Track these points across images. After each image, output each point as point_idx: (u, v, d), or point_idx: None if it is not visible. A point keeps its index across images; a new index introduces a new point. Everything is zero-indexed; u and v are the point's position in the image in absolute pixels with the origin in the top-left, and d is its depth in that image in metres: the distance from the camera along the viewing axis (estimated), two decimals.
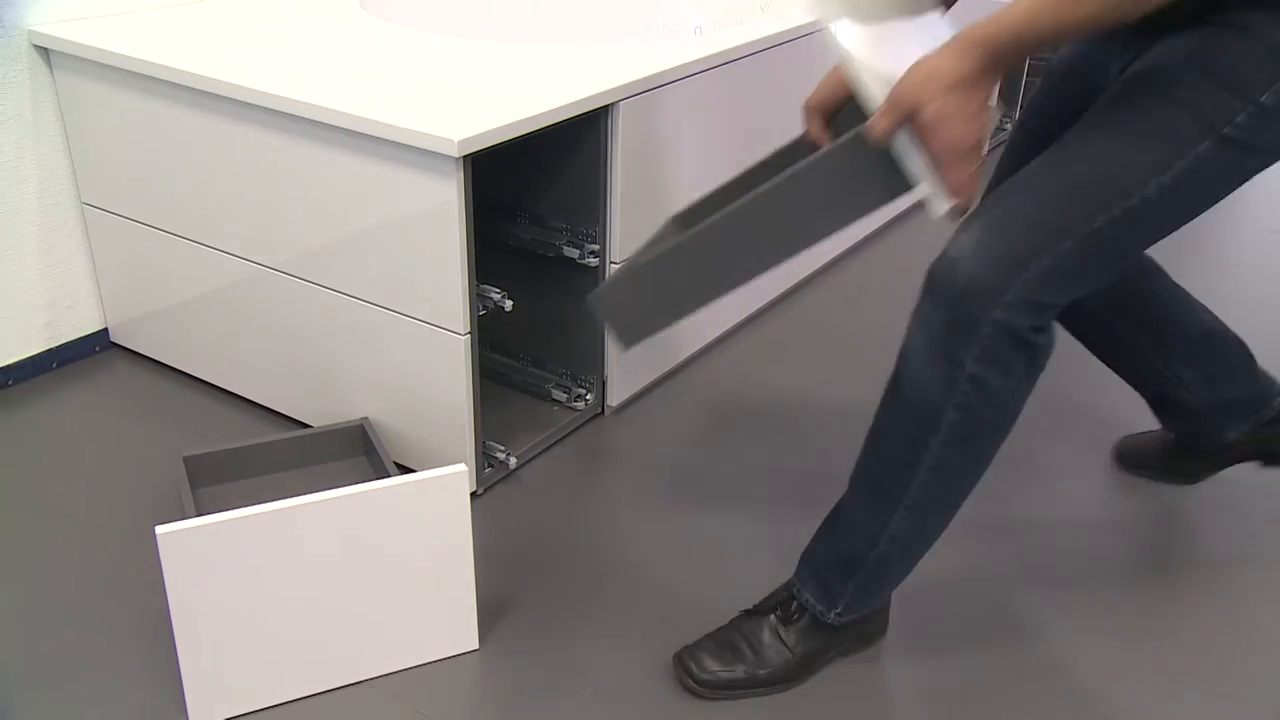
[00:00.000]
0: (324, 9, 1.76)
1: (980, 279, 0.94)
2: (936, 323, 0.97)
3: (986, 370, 0.96)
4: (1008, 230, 0.95)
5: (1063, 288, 0.96)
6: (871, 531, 1.07)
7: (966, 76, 0.89)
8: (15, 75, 1.54)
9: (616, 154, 1.45)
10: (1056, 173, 0.97)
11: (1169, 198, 0.94)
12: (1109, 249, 0.96)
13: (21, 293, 1.64)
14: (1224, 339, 1.34)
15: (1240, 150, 0.93)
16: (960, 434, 0.99)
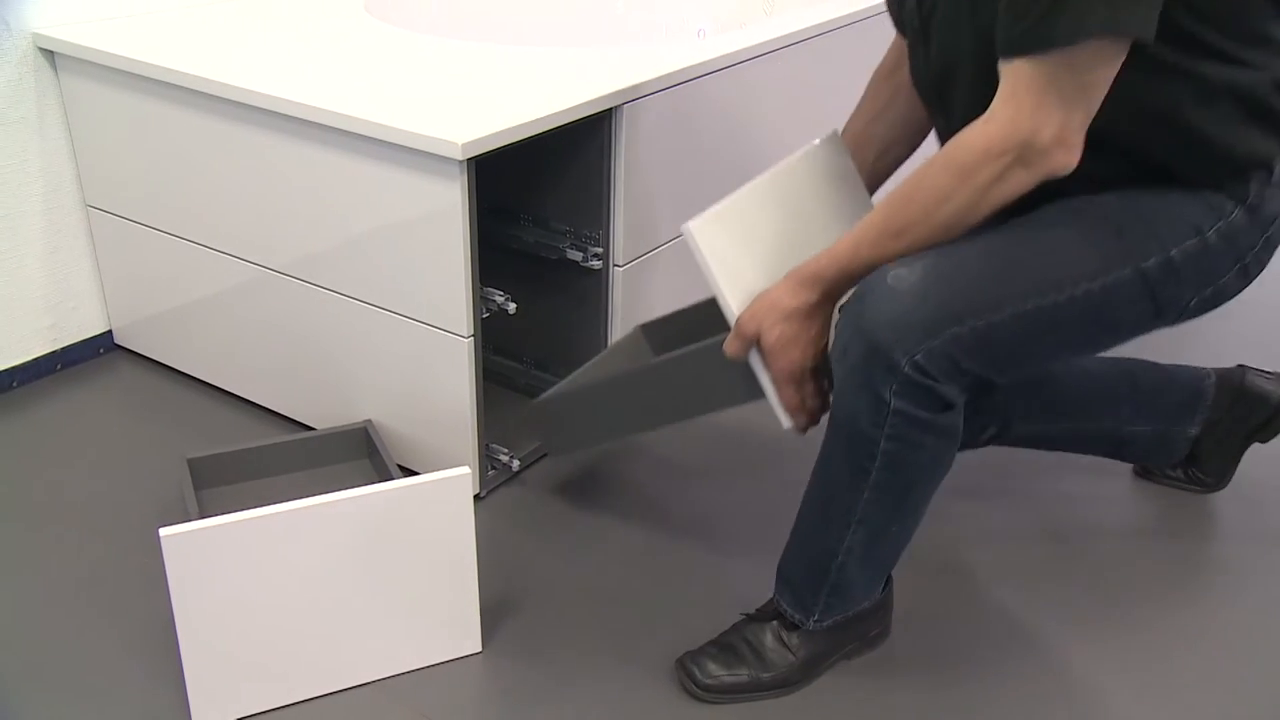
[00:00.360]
0: (328, 12, 1.76)
1: (912, 321, 0.97)
2: (855, 353, 0.99)
3: (909, 405, 0.99)
4: (950, 284, 0.99)
5: (980, 357, 0.99)
6: (828, 545, 1.10)
7: (801, 308, 1.03)
8: (21, 78, 1.54)
9: (620, 157, 1.45)
10: (1006, 248, 1.02)
11: (1085, 308, 1.01)
12: (1029, 337, 1.01)
13: (26, 295, 1.64)
14: (1118, 369, 1.38)
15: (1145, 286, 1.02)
16: (898, 460, 1.02)
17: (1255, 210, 1.04)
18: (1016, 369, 1.05)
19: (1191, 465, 1.47)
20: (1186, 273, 1.04)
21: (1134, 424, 1.39)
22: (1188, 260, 1.03)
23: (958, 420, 1.03)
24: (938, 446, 1.03)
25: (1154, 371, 1.40)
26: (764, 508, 1.46)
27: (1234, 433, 1.42)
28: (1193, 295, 1.06)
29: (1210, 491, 1.48)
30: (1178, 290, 1.05)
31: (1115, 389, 1.38)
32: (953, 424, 1.03)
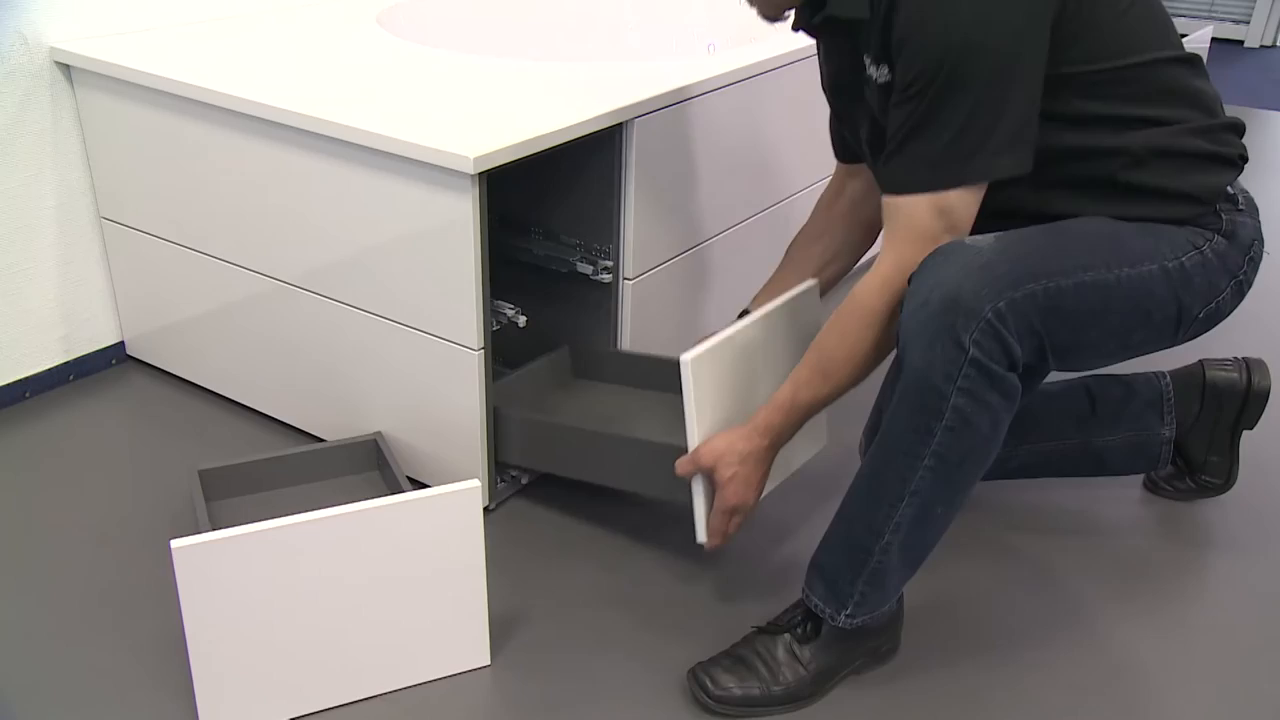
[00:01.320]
0: (342, 26, 1.78)
1: (996, 273, 1.01)
2: (937, 299, 1.01)
3: (985, 356, 1.00)
4: (1023, 249, 1.04)
5: (1050, 320, 1.03)
6: (877, 522, 1.09)
7: (755, 452, 1.18)
8: (37, 91, 1.56)
9: (630, 171, 1.45)
10: (1056, 234, 1.08)
11: (1129, 292, 1.06)
12: (1088, 309, 1.05)
13: (40, 306, 1.66)
14: (1076, 385, 1.42)
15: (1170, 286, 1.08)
16: (963, 420, 1.02)
17: (1232, 236, 1.12)
18: (1074, 343, 1.07)
19: (1194, 472, 1.47)
20: (1197, 282, 1.10)
21: (1103, 436, 1.41)
22: (1196, 270, 1.10)
23: (1016, 393, 1.04)
24: (1000, 411, 1.03)
25: (1110, 382, 1.42)
26: (776, 520, 1.45)
27: (1218, 428, 1.43)
28: (1201, 308, 1.12)
29: (1222, 492, 1.48)
30: (1191, 300, 1.10)
31: (1075, 405, 1.41)
32: (1016, 390, 1.04)
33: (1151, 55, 1.07)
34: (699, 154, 1.58)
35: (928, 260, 1.04)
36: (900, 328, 1.04)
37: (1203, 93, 1.11)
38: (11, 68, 1.52)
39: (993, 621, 1.29)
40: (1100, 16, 1.05)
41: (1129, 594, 1.34)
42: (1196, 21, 4.42)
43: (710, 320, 1.76)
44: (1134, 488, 1.54)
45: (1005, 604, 1.32)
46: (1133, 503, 1.51)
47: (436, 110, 1.36)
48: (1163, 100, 1.08)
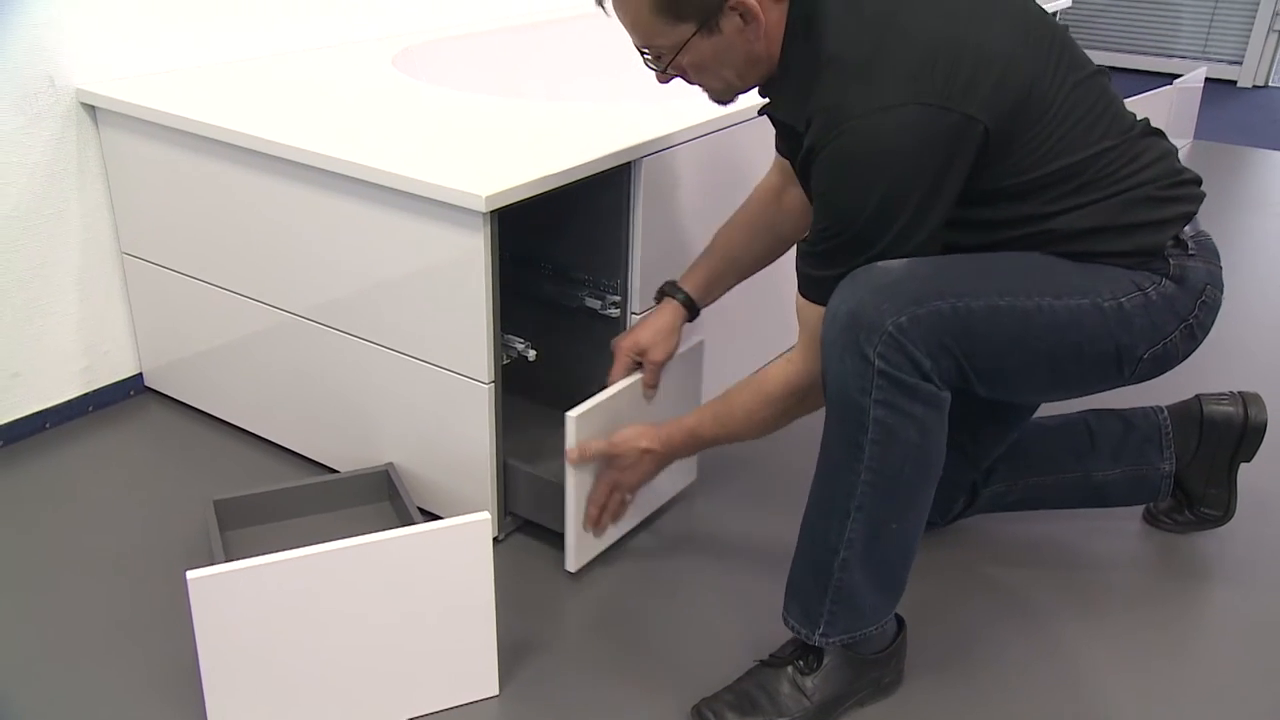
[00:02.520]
0: (357, 67, 1.82)
1: (899, 290, 1.05)
2: (843, 315, 1.05)
3: (892, 367, 1.03)
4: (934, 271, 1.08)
5: (960, 337, 1.06)
6: (830, 539, 1.11)
7: (651, 451, 1.32)
8: (64, 132, 1.61)
9: (638, 208, 1.49)
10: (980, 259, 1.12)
11: (1051, 322, 1.09)
12: (1003, 333, 1.08)
13: (62, 338, 1.69)
14: (1074, 420, 1.44)
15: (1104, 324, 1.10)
16: (889, 431, 1.05)
17: (1182, 280, 1.13)
18: (991, 361, 1.09)
19: (1194, 505, 1.49)
20: (1138, 323, 1.11)
21: (1102, 470, 1.43)
22: (1137, 311, 1.11)
23: (942, 400, 1.07)
24: (926, 421, 1.06)
25: (1109, 417, 1.44)
26: (783, 552, 1.47)
27: (1216, 462, 1.45)
28: (1145, 349, 1.13)
29: (1221, 524, 1.50)
30: (1132, 340, 1.12)
31: (1074, 440, 1.43)
32: (938, 399, 1.06)
33: (1080, 154, 1.10)
34: (706, 192, 1.61)
35: (842, 283, 1.08)
36: (820, 344, 1.09)
37: (1143, 164, 1.13)
38: (40, 109, 1.57)
39: (994, 657, 1.30)
40: (1020, 141, 1.08)
41: (1127, 627, 1.35)
42: (1190, 62, 4.46)
43: (715, 355, 1.78)
44: (1132, 520, 1.55)
45: (1003, 639, 1.33)
46: (1131, 536, 1.52)
47: (449, 149, 1.39)
48: (1089, 189, 1.11)
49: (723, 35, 1.10)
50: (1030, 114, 1.08)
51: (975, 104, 1.04)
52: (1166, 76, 3.97)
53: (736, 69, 1.14)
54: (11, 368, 1.64)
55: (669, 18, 1.09)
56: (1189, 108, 3.42)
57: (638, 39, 1.15)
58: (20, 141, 1.56)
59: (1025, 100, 1.07)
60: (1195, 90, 3.42)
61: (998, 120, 1.06)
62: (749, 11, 1.08)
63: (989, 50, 1.06)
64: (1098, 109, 1.13)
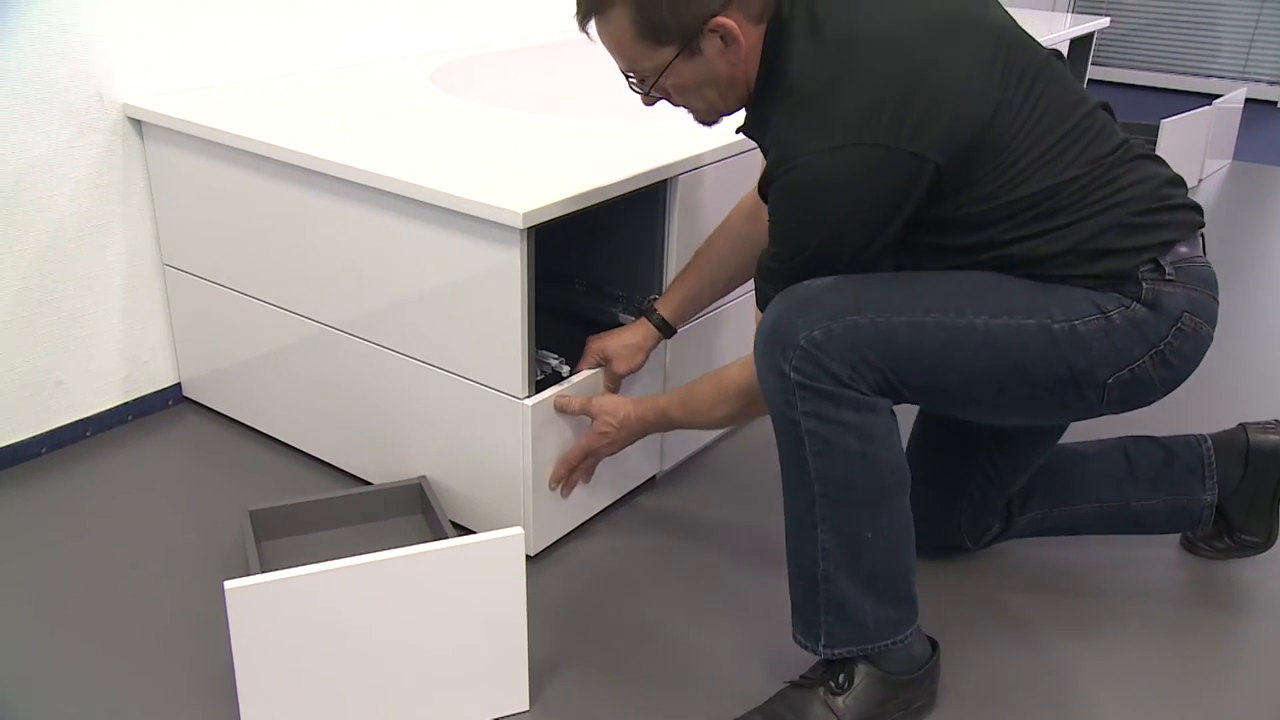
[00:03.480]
0: (397, 83, 1.85)
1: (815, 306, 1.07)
2: (763, 331, 1.08)
3: (807, 379, 1.05)
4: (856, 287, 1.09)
5: (880, 349, 1.06)
6: (809, 552, 1.13)
7: (626, 423, 1.39)
8: (111, 145, 1.64)
9: (673, 225, 1.49)
10: (914, 277, 1.12)
11: (987, 340, 1.08)
12: (929, 348, 1.07)
13: (104, 348, 1.72)
14: (1112, 447, 1.42)
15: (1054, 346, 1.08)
16: (826, 444, 1.07)
17: (1154, 305, 1.10)
18: (920, 378, 1.09)
19: (1234, 532, 1.46)
20: (1096, 346, 1.08)
21: (1141, 499, 1.41)
22: (1094, 335, 1.08)
23: (874, 405, 1.07)
24: (863, 426, 1.06)
25: (1150, 445, 1.42)
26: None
27: (1261, 492, 1.42)
28: (1109, 373, 1.10)
29: (1262, 551, 1.47)
30: (1089, 364, 1.09)
31: (1112, 468, 1.41)
32: (867, 404, 1.06)
33: (1047, 181, 1.09)
34: None
35: (771, 300, 1.11)
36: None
37: (1117, 188, 1.11)
38: (88, 123, 1.61)
39: (1025, 683, 1.28)
40: (980, 171, 1.08)
41: (1163, 656, 1.33)
42: (1230, 82, 4.42)
43: None
44: (1169, 547, 1.53)
45: (1035, 665, 1.31)
46: (1168, 563, 1.50)
47: (487, 166, 1.41)
48: (1056, 216, 1.10)
49: (704, 57, 1.12)
50: (989, 146, 1.07)
51: (926, 142, 1.04)
52: (1206, 97, 3.94)
53: (719, 90, 1.16)
54: (56, 375, 1.67)
55: (650, 42, 1.11)
56: (1228, 128, 3.39)
57: (622, 63, 1.17)
58: (68, 155, 1.60)
59: (984, 132, 1.06)
60: (1235, 111, 3.38)
61: (951, 156, 1.06)
62: (729, 33, 1.09)
63: (947, 82, 1.05)
64: (1071, 136, 1.11)
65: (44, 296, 1.62)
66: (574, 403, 1.40)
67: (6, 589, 1.38)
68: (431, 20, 2.12)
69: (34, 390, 1.65)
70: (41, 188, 1.58)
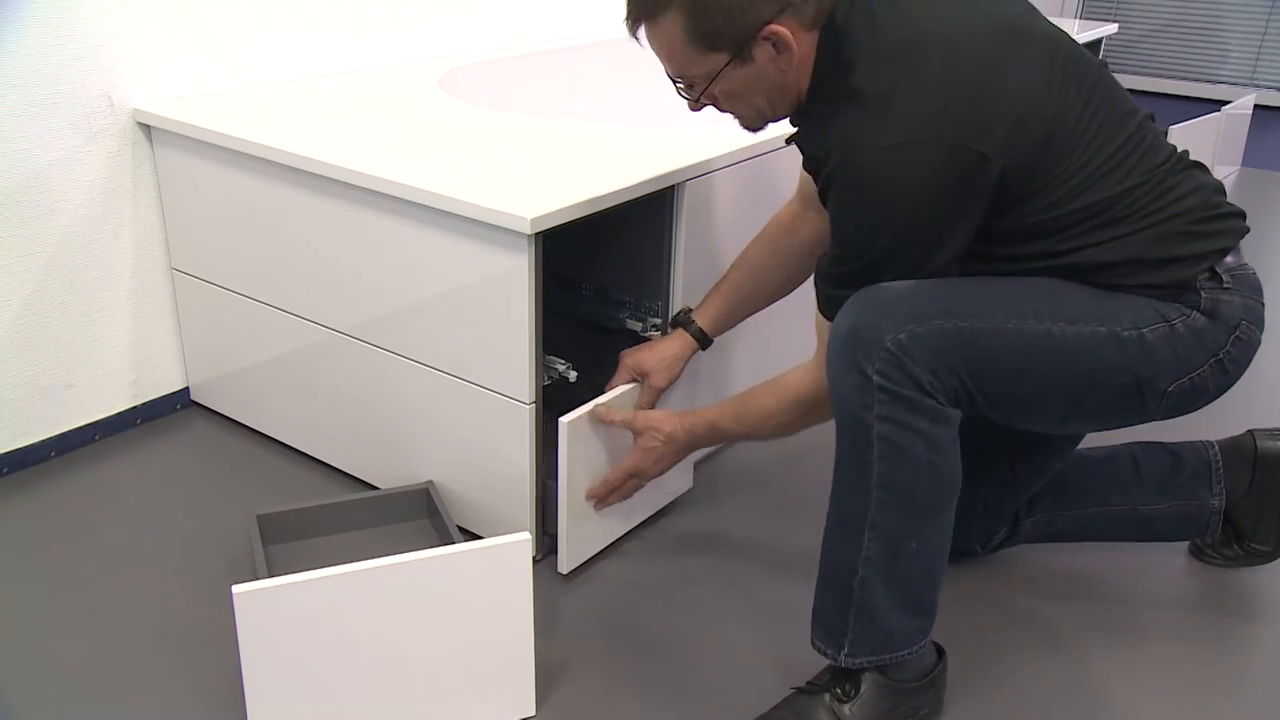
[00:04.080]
0: (404, 89, 1.85)
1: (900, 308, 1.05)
2: (843, 330, 1.06)
3: (891, 383, 1.03)
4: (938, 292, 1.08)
5: (962, 355, 1.05)
6: (848, 559, 1.11)
7: (674, 436, 1.36)
8: (120, 150, 1.65)
9: (681, 231, 1.49)
10: (989, 283, 1.11)
11: (1062, 348, 1.08)
12: (1009, 354, 1.07)
13: (113, 352, 1.73)
14: (1119, 452, 1.42)
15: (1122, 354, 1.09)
16: (895, 448, 1.05)
17: (1213, 314, 1.11)
18: (998, 385, 1.09)
19: (1243, 540, 1.46)
20: (1161, 354, 1.09)
21: (1149, 504, 1.40)
22: (1160, 342, 1.09)
23: (948, 416, 1.06)
24: (934, 436, 1.05)
25: (1157, 450, 1.42)
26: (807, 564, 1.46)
27: (1269, 498, 1.42)
28: (1170, 381, 1.11)
29: (1271, 559, 1.46)
30: (1154, 372, 1.10)
31: (1119, 472, 1.41)
32: (944, 414, 1.05)
33: (1108, 191, 1.10)
34: (746, 215, 1.61)
35: (847, 301, 1.09)
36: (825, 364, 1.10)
37: (1174, 198, 1.12)
38: (99, 128, 1.61)
39: (1032, 691, 1.28)
40: (1042, 180, 1.08)
41: (1170, 665, 1.32)
42: (1239, 88, 4.41)
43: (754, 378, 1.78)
44: (1178, 554, 1.52)
45: (1042, 672, 1.31)
46: (1176, 570, 1.50)
47: (495, 171, 1.41)
48: (1117, 225, 1.11)
49: (755, 64, 1.11)
50: (1051, 154, 1.08)
51: (991, 144, 1.04)
52: (1215, 103, 3.93)
53: (768, 97, 1.16)
54: (65, 379, 1.68)
55: (702, 48, 1.11)
56: (1237, 134, 3.38)
57: (671, 69, 1.16)
58: (79, 160, 1.60)
59: (1046, 141, 1.07)
60: (1244, 117, 3.38)
61: (1015, 160, 1.06)
62: (781, 41, 1.09)
63: (1009, 90, 1.06)
64: (1128, 147, 1.12)
65: (54, 301, 1.63)
66: (617, 415, 1.37)
67: (16, 591, 1.39)
68: (439, 25, 2.13)
69: (43, 394, 1.66)
70: (52, 193, 1.59)
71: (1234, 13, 4.45)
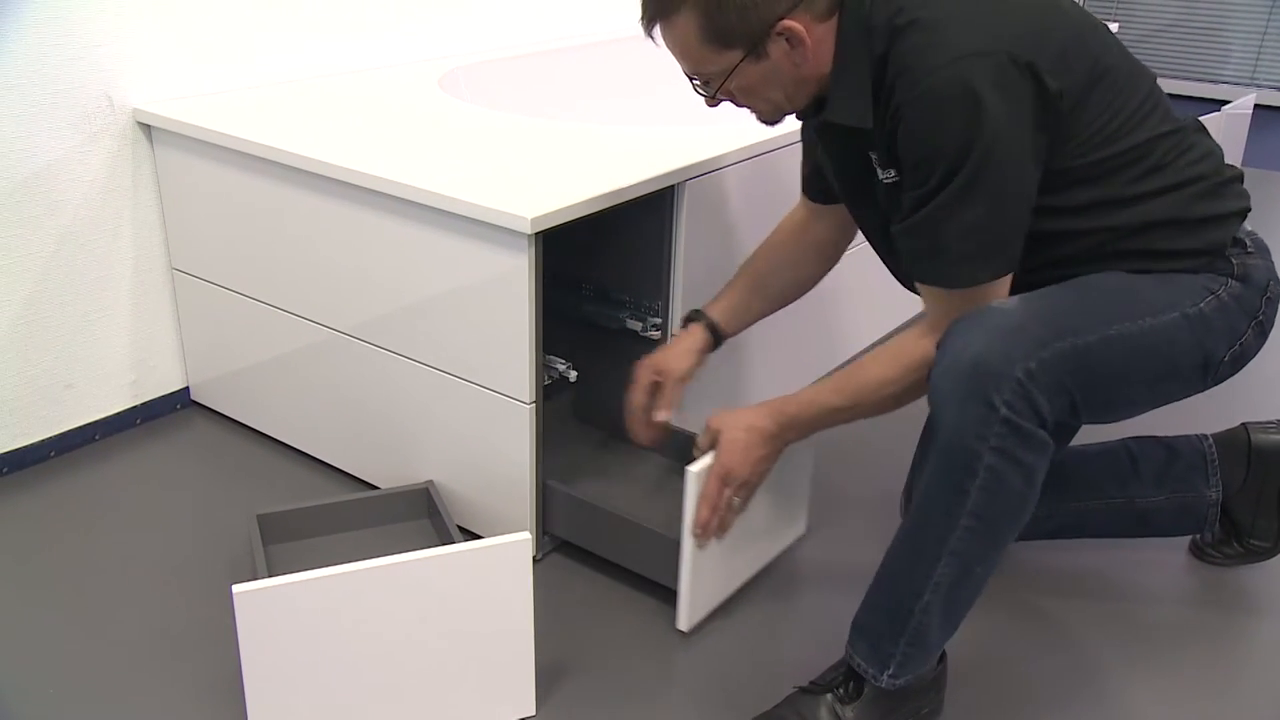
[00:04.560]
0: (404, 89, 1.85)
1: (1025, 334, 1.04)
2: (967, 360, 1.04)
3: (1015, 415, 1.02)
4: (1049, 309, 1.08)
5: (1079, 377, 1.05)
6: (916, 583, 1.10)
7: (758, 426, 1.24)
8: (120, 150, 1.65)
9: (681, 231, 1.49)
10: (1078, 290, 1.11)
11: (1153, 342, 1.10)
12: (1113, 363, 1.08)
13: (113, 352, 1.73)
14: (1116, 446, 1.42)
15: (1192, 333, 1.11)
16: (998, 479, 1.04)
17: (1246, 279, 1.15)
18: (1106, 398, 1.10)
19: (1241, 536, 1.46)
20: (1217, 326, 1.13)
21: (1147, 496, 1.40)
22: (1215, 315, 1.13)
23: (1050, 448, 1.05)
24: (1033, 468, 1.05)
25: (1152, 444, 1.42)
26: (825, 577, 1.46)
27: (1265, 491, 1.42)
28: (1225, 351, 1.15)
29: (1270, 556, 1.46)
30: (1215, 345, 1.13)
31: (1116, 465, 1.41)
32: (1048, 447, 1.05)
33: (1144, 135, 1.12)
34: (748, 215, 1.62)
35: (957, 325, 1.07)
36: (931, 389, 1.06)
37: (1198, 155, 1.15)
38: (98, 128, 1.61)
39: (1033, 689, 1.28)
40: (1092, 113, 1.09)
41: (1170, 661, 1.32)
42: (1239, 88, 4.40)
43: (756, 378, 1.78)
44: (1178, 552, 1.52)
45: (1043, 670, 1.31)
46: (1176, 568, 1.49)
47: (495, 171, 1.41)
48: (1157, 175, 1.13)
49: (770, 60, 1.12)
50: (1096, 92, 1.09)
51: (1045, 63, 1.05)
52: (1215, 103, 3.93)
53: (785, 91, 1.16)
54: (65, 379, 1.68)
55: (717, 45, 1.11)
56: (1238, 134, 3.37)
57: (687, 67, 1.16)
58: (79, 160, 1.60)
59: (1090, 77, 1.09)
60: (1245, 116, 3.37)
61: (1068, 84, 1.06)
62: (795, 35, 1.09)
63: (1056, 27, 1.09)
64: (1154, 99, 1.15)
65: (53, 300, 1.63)
66: (704, 440, 1.29)
67: (15, 591, 1.39)
68: (439, 25, 2.13)
69: (43, 394, 1.66)
70: (52, 192, 1.59)
71: (1235, 12, 4.45)
